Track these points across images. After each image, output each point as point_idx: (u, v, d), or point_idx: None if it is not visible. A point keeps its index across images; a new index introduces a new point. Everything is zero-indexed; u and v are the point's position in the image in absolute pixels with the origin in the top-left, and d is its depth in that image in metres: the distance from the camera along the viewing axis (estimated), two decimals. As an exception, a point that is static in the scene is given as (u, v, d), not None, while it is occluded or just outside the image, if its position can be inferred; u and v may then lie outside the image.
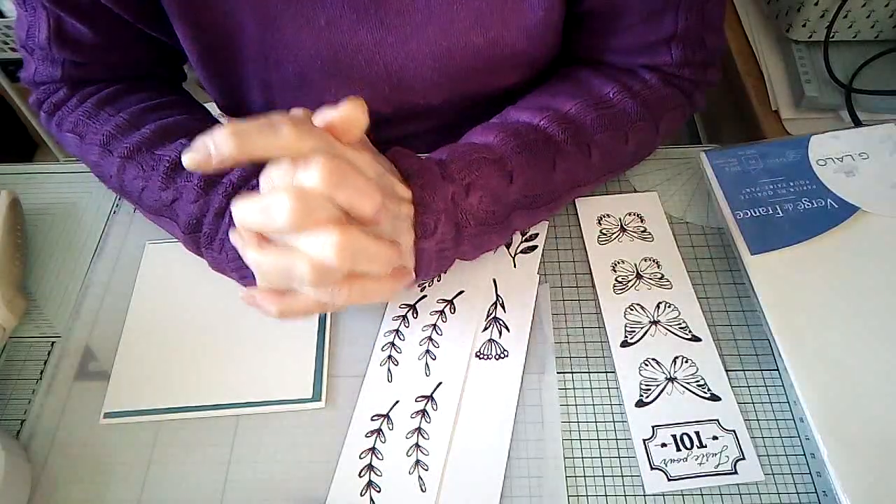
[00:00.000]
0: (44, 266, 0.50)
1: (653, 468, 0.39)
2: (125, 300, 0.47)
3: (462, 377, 0.42)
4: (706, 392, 0.41)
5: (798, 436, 0.40)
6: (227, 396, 0.42)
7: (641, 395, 0.41)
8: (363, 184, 0.31)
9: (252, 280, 0.37)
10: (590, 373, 0.43)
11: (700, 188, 0.51)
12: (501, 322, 0.45)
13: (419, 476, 0.39)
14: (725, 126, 0.78)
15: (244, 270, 0.40)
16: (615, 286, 0.46)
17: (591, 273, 0.47)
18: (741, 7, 0.73)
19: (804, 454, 0.39)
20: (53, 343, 0.46)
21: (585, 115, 0.45)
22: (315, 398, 0.42)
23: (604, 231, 0.49)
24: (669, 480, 0.38)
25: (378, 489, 0.39)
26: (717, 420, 0.40)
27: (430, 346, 0.44)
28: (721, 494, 0.38)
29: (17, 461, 0.39)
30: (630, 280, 0.46)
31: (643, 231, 0.49)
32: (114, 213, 0.52)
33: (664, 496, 0.38)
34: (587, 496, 0.38)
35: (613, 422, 0.41)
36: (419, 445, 0.40)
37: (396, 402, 0.42)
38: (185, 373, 0.44)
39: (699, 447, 0.39)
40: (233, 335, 0.45)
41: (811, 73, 0.62)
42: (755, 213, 0.47)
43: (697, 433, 0.40)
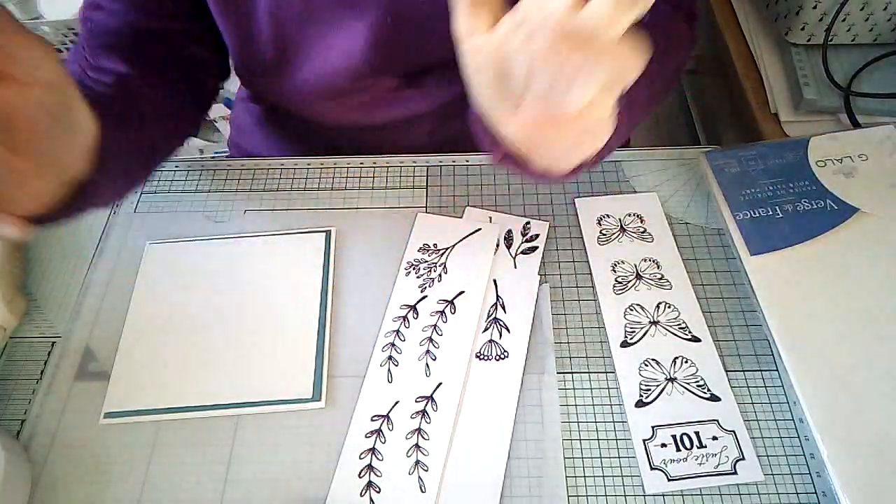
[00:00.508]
0: (44, 266, 0.50)
1: (653, 468, 0.39)
2: (125, 300, 0.47)
3: (462, 378, 0.42)
4: (706, 392, 0.41)
5: (798, 436, 0.40)
6: (227, 396, 0.42)
7: (641, 396, 0.41)
8: None
9: None
10: (590, 373, 0.43)
11: (700, 189, 0.51)
12: (501, 323, 0.45)
13: (419, 476, 0.39)
14: (724, 128, 0.78)
15: None
16: (615, 286, 0.46)
17: (591, 273, 0.47)
18: (740, 10, 0.73)
19: (804, 454, 0.39)
20: (53, 343, 0.46)
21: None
22: (315, 398, 0.42)
23: (604, 231, 0.49)
24: (669, 480, 0.38)
25: (378, 489, 0.39)
26: (717, 420, 0.40)
27: (431, 347, 0.44)
28: (721, 494, 0.38)
29: (17, 461, 0.39)
30: (630, 280, 0.46)
31: (643, 231, 0.49)
32: (114, 214, 0.52)
33: (664, 496, 0.38)
34: (587, 496, 0.38)
35: (613, 422, 0.41)
36: (419, 446, 0.40)
37: (396, 403, 0.42)
38: (186, 373, 0.44)
39: (699, 447, 0.39)
40: (233, 335, 0.45)
41: (810, 76, 0.63)
42: (755, 214, 0.47)
43: (697, 433, 0.40)
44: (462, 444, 0.40)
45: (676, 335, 0.44)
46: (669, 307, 0.45)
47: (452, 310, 0.45)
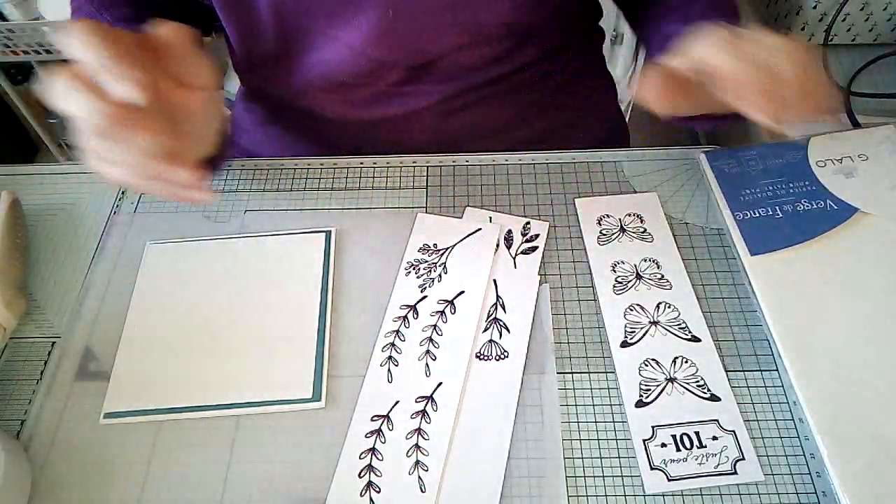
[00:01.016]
0: (44, 266, 0.50)
1: (653, 468, 0.39)
2: (125, 300, 0.47)
3: (462, 378, 0.42)
4: (706, 392, 0.41)
5: (798, 436, 0.40)
6: (227, 396, 0.42)
7: (641, 396, 0.41)
8: None
9: None
10: (590, 373, 0.43)
11: (700, 189, 0.51)
12: (502, 323, 0.45)
13: (419, 476, 0.39)
14: (724, 128, 0.78)
15: None
16: (615, 286, 0.46)
17: (591, 273, 0.47)
18: (740, 10, 0.74)
19: (804, 454, 0.39)
20: (53, 343, 0.46)
21: None
22: (315, 398, 0.42)
23: (604, 231, 0.49)
24: (669, 480, 0.38)
25: (378, 489, 0.39)
26: (717, 420, 0.40)
27: (431, 347, 0.44)
28: (721, 494, 0.38)
29: (17, 461, 0.39)
30: (630, 280, 0.46)
31: (643, 231, 0.49)
32: (114, 214, 0.52)
33: (664, 496, 0.38)
34: (587, 496, 0.38)
35: (613, 422, 0.41)
36: (419, 446, 0.40)
37: (396, 403, 0.42)
38: (185, 373, 0.44)
39: (699, 447, 0.39)
40: (233, 335, 0.45)
41: (810, 76, 0.63)
42: (755, 214, 0.47)
43: (697, 433, 0.40)
44: (462, 444, 0.40)
45: (676, 335, 0.44)
46: (669, 307, 0.45)
47: (452, 310, 0.45)
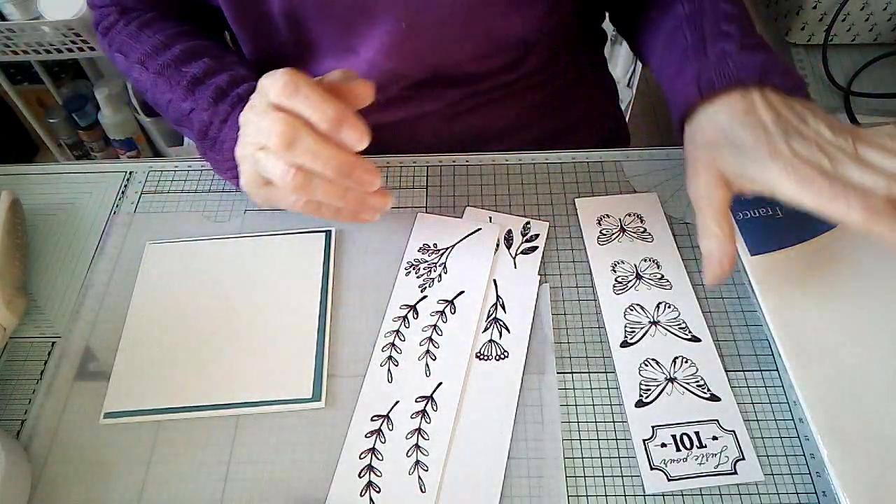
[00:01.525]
0: (44, 266, 0.50)
1: (653, 468, 0.39)
2: (125, 300, 0.47)
3: (462, 378, 0.42)
4: (706, 392, 0.41)
5: (798, 436, 0.40)
6: (227, 396, 0.42)
7: (641, 396, 0.41)
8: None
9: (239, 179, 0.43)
10: (590, 373, 0.43)
11: (699, 189, 0.51)
12: (502, 322, 0.45)
13: (419, 476, 0.39)
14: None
15: (235, 171, 0.44)
16: (615, 286, 0.46)
17: (591, 273, 0.47)
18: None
19: (804, 454, 0.39)
20: (53, 343, 0.46)
21: None
22: (315, 398, 0.42)
23: (604, 231, 0.49)
24: (669, 480, 0.38)
25: (378, 489, 0.39)
26: (717, 420, 0.40)
27: (431, 347, 0.44)
28: (721, 494, 0.38)
29: (17, 461, 0.39)
30: (630, 280, 0.46)
31: (643, 231, 0.49)
32: (114, 213, 0.52)
33: (664, 496, 0.38)
34: (587, 496, 0.38)
35: (613, 422, 0.41)
36: (419, 446, 0.40)
37: (396, 403, 0.42)
38: (185, 373, 0.44)
39: (699, 447, 0.39)
40: (233, 335, 0.45)
41: (810, 76, 0.63)
42: (755, 214, 0.47)
43: (697, 433, 0.40)
44: (462, 444, 0.40)
45: (676, 335, 0.44)
46: (669, 307, 0.45)
47: (452, 310, 0.45)
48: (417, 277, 0.47)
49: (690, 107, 0.43)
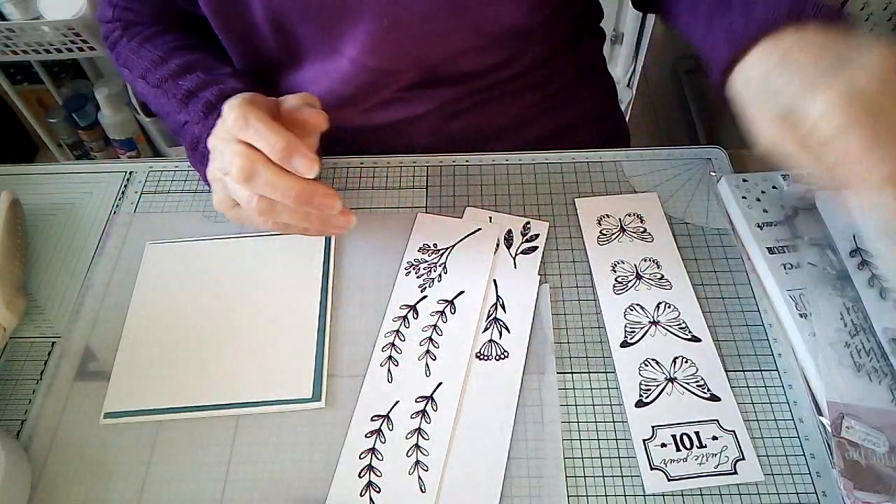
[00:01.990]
0: (44, 266, 0.50)
1: (653, 468, 0.39)
2: (125, 300, 0.47)
3: (462, 377, 0.42)
4: (706, 392, 0.41)
5: (798, 436, 0.40)
6: (227, 396, 0.42)
7: (641, 395, 0.41)
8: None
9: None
10: (590, 373, 0.43)
11: (700, 189, 0.51)
12: (502, 322, 0.45)
13: (419, 476, 0.39)
14: (724, 128, 0.78)
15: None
16: (615, 286, 0.46)
17: (591, 273, 0.47)
18: None
19: (804, 454, 0.39)
20: (53, 343, 0.46)
21: None
22: (315, 398, 0.42)
23: (604, 231, 0.49)
24: (669, 480, 0.38)
25: (378, 489, 0.39)
26: (717, 420, 0.40)
27: (431, 347, 0.44)
28: (721, 494, 0.38)
29: (17, 461, 0.39)
30: (630, 280, 0.46)
31: (643, 231, 0.49)
32: (114, 213, 0.52)
33: (664, 496, 0.38)
34: (587, 496, 0.38)
35: (613, 422, 0.41)
36: (419, 446, 0.40)
37: (396, 403, 0.42)
38: (185, 373, 0.43)
39: (699, 447, 0.39)
40: (233, 335, 0.45)
41: (810, 76, 0.63)
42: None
43: (697, 433, 0.40)
44: (462, 444, 0.40)
45: (676, 335, 0.44)
46: (669, 307, 0.45)
47: (452, 310, 0.45)
48: (417, 277, 0.47)
49: (725, 67, 0.39)
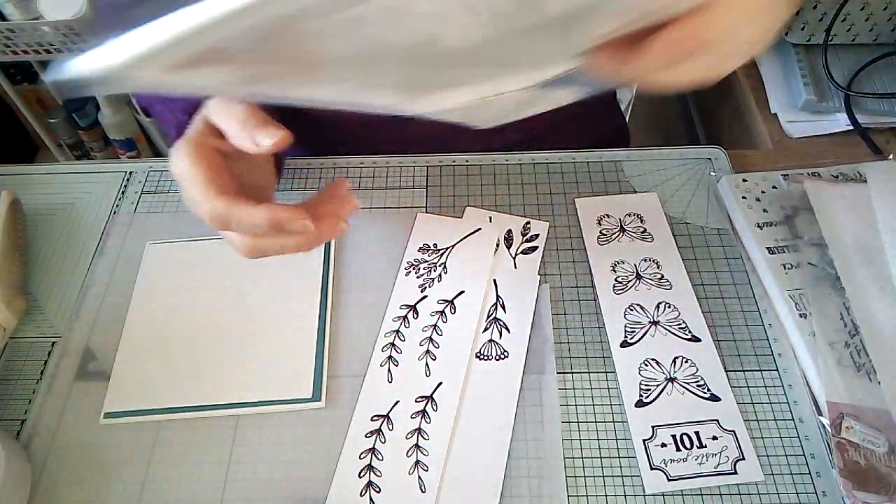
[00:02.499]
0: (44, 266, 0.50)
1: (653, 468, 0.39)
2: (125, 300, 0.47)
3: (462, 377, 0.42)
4: (706, 392, 0.41)
5: (798, 436, 0.40)
6: (227, 396, 0.42)
7: (641, 395, 0.41)
8: None
9: None
10: (590, 373, 0.43)
11: (700, 189, 0.51)
12: (502, 322, 0.45)
13: (419, 476, 0.39)
14: (724, 128, 0.78)
15: None
16: (615, 286, 0.46)
17: (591, 273, 0.47)
18: None
19: (804, 454, 0.39)
20: (53, 343, 0.46)
21: None
22: (315, 398, 0.42)
23: (604, 231, 0.49)
24: (669, 480, 0.38)
25: (378, 489, 0.39)
26: (717, 420, 0.40)
27: (431, 347, 0.44)
28: (721, 494, 0.38)
29: (17, 461, 0.39)
30: (630, 280, 0.46)
31: (643, 231, 0.49)
32: (114, 213, 0.52)
33: (664, 496, 0.38)
34: (587, 496, 0.38)
35: (613, 422, 0.41)
36: (419, 446, 0.40)
37: (396, 403, 0.42)
38: (185, 373, 0.43)
39: (699, 447, 0.39)
40: (233, 335, 0.45)
41: (810, 76, 0.63)
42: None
43: (697, 433, 0.40)
44: (462, 444, 0.40)
45: (676, 335, 0.44)
46: (669, 307, 0.45)
47: (452, 310, 0.45)
48: (417, 277, 0.47)
49: None
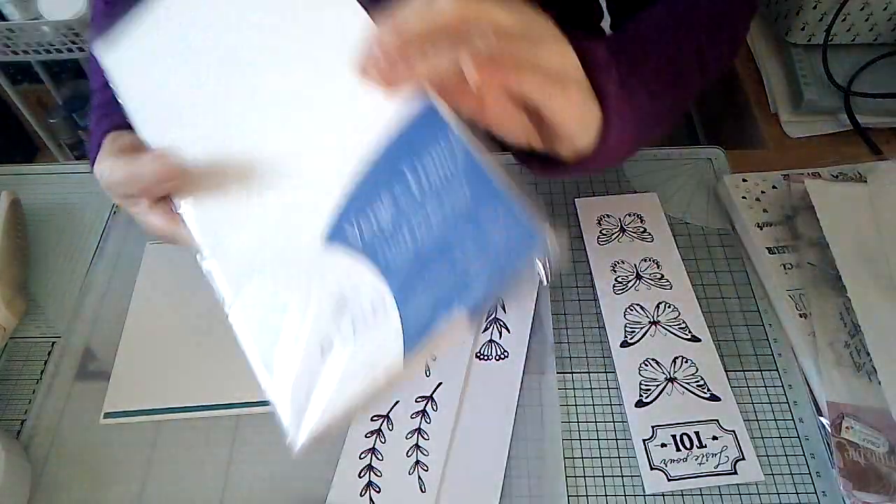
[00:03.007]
0: (44, 266, 0.50)
1: (653, 468, 0.39)
2: (125, 300, 0.47)
3: (462, 378, 0.42)
4: (706, 392, 0.41)
5: (798, 436, 0.40)
6: (227, 396, 0.42)
7: (641, 395, 0.41)
8: None
9: None
10: (590, 373, 0.43)
11: (700, 189, 0.51)
12: (501, 322, 0.45)
13: (419, 476, 0.39)
14: (724, 128, 0.78)
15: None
16: (615, 286, 0.46)
17: (591, 273, 0.47)
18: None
19: (804, 454, 0.39)
20: (53, 343, 0.46)
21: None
22: (315, 398, 0.42)
23: (604, 231, 0.49)
24: (669, 480, 0.38)
25: (378, 489, 0.39)
26: (717, 420, 0.40)
27: (431, 347, 0.44)
28: (721, 494, 0.38)
29: (17, 461, 0.39)
30: (630, 280, 0.46)
31: (643, 231, 0.49)
32: (114, 214, 0.52)
33: (664, 496, 0.38)
34: (587, 496, 0.38)
35: (613, 422, 0.41)
36: (419, 446, 0.40)
37: (396, 403, 0.42)
38: (185, 373, 0.43)
39: (699, 447, 0.39)
40: (233, 335, 0.45)
41: (810, 76, 0.63)
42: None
43: (697, 433, 0.40)
44: (462, 444, 0.40)
45: (676, 335, 0.44)
46: (669, 307, 0.45)
47: (452, 310, 0.45)
48: (417, 277, 0.47)
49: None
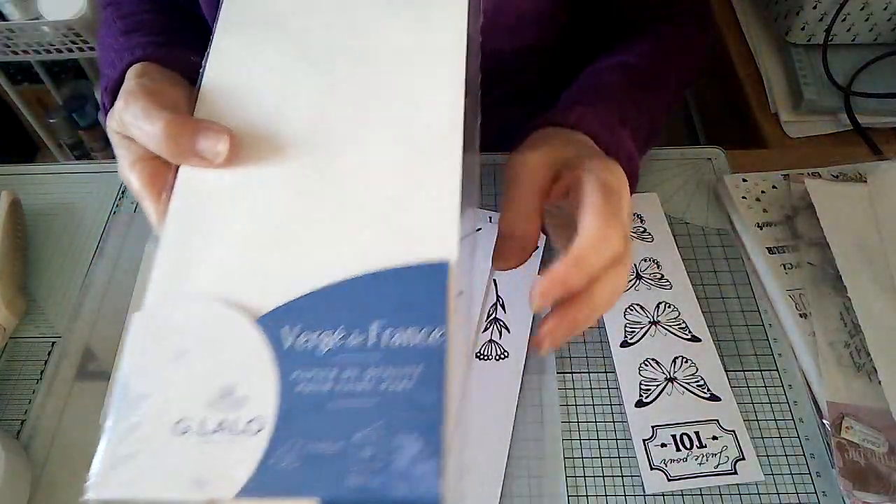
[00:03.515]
0: (44, 266, 0.50)
1: (653, 468, 0.39)
2: (125, 300, 0.47)
3: (462, 377, 0.42)
4: (706, 392, 0.41)
5: (798, 436, 0.40)
6: (227, 396, 0.42)
7: (641, 395, 0.41)
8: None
9: None
10: (590, 373, 0.43)
11: (700, 189, 0.51)
12: (501, 322, 0.45)
13: (419, 476, 0.39)
14: (724, 128, 0.78)
15: None
16: (615, 287, 0.46)
17: (591, 273, 0.47)
18: (740, 10, 0.73)
19: (804, 454, 0.39)
20: (53, 343, 0.46)
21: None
22: (315, 398, 0.42)
23: (604, 232, 0.49)
24: (669, 480, 0.38)
25: (378, 489, 0.39)
26: (717, 420, 0.40)
27: (431, 347, 0.44)
28: (721, 494, 0.38)
29: (17, 461, 0.39)
30: (630, 280, 0.46)
31: (643, 231, 0.49)
32: (114, 214, 0.52)
33: (664, 496, 0.38)
34: (587, 496, 0.38)
35: (613, 422, 0.41)
36: (419, 445, 0.40)
37: (396, 402, 0.42)
38: (186, 373, 0.43)
39: (699, 447, 0.39)
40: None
41: (810, 76, 0.63)
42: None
43: (697, 433, 0.40)
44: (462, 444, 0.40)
45: (676, 335, 0.44)
46: (669, 307, 0.45)
47: (452, 310, 0.45)
48: (417, 277, 0.47)
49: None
